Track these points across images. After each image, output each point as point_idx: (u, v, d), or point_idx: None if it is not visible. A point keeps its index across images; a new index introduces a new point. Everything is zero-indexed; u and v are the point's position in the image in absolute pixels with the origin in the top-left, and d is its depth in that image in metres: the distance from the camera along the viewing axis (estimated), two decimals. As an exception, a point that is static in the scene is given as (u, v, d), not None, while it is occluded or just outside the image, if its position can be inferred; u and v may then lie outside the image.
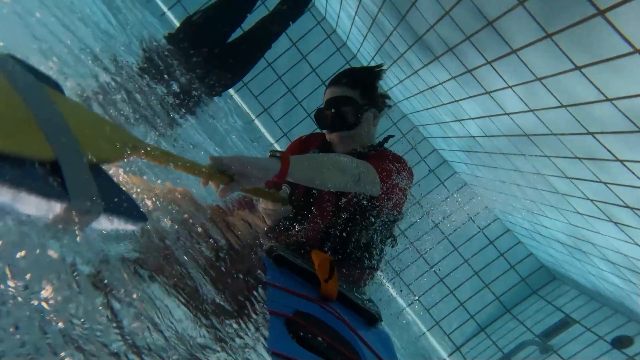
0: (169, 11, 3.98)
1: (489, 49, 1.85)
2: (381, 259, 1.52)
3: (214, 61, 3.02)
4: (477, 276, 4.08)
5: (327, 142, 1.60)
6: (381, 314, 1.27)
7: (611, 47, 1.24)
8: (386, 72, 3.49)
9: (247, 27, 3.34)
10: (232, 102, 4.05)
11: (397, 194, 1.41)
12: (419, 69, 2.82)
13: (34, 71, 0.68)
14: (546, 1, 1.35)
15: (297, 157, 1.13)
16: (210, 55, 2.99)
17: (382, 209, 1.40)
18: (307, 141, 1.67)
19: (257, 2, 3.37)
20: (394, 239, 1.55)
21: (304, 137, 1.70)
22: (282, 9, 3.29)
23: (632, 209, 1.90)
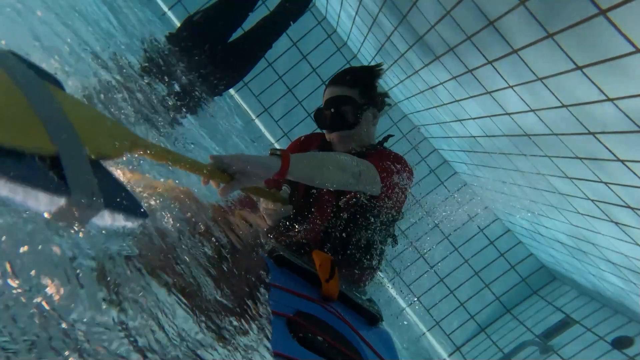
0: (169, 11, 3.98)
1: (490, 49, 1.85)
2: (381, 259, 1.52)
3: (215, 61, 3.02)
4: (478, 276, 4.08)
5: (327, 142, 1.60)
6: (382, 314, 1.27)
7: (613, 47, 1.24)
8: (387, 72, 3.50)
9: (247, 27, 3.33)
10: (232, 101, 4.05)
11: (397, 193, 1.41)
12: (419, 69, 2.81)
13: (35, 68, 0.68)
14: (547, 1, 1.35)
15: (297, 155, 1.13)
16: (211, 55, 2.99)
17: (382, 208, 1.40)
18: (306, 141, 1.67)
19: (257, 2, 3.37)
20: (394, 239, 1.55)
21: (304, 137, 1.70)
22: (282, 8, 3.29)
23: (632, 209, 1.90)
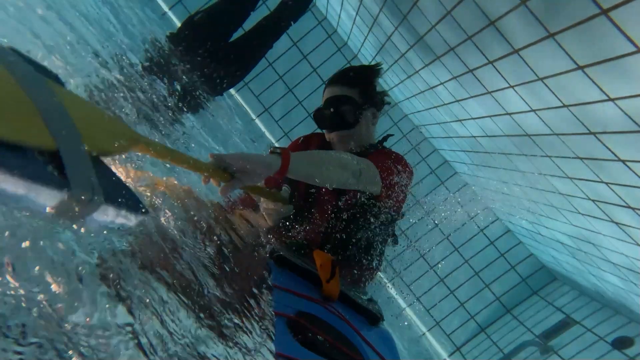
0: (170, 11, 3.98)
1: (491, 49, 1.85)
2: (382, 259, 1.51)
3: (216, 61, 3.02)
4: (478, 276, 4.08)
5: (326, 142, 1.60)
6: (383, 313, 1.27)
7: (614, 47, 1.24)
8: (387, 72, 3.50)
9: (248, 26, 3.33)
10: (232, 101, 4.04)
11: (398, 193, 1.41)
12: (420, 69, 2.81)
13: (35, 64, 0.67)
14: (549, 0, 1.35)
15: (297, 153, 1.13)
16: (212, 54, 2.99)
17: (382, 208, 1.40)
18: (306, 141, 1.67)
19: (258, 2, 3.37)
20: (394, 239, 1.54)
21: (303, 138, 1.70)
22: (283, 8, 3.29)
23: (633, 209, 1.90)
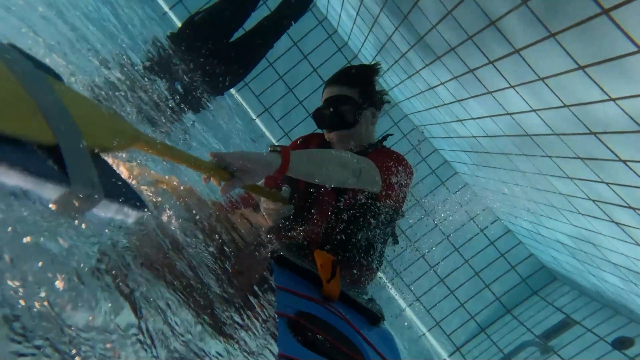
0: (170, 11, 3.98)
1: (492, 49, 1.84)
2: (382, 259, 1.51)
3: (216, 61, 3.02)
4: (478, 276, 4.08)
5: (326, 142, 1.59)
6: (383, 313, 1.27)
7: (615, 47, 1.24)
8: (387, 72, 3.50)
9: (249, 26, 3.33)
10: (233, 101, 4.04)
11: (398, 192, 1.40)
12: (420, 69, 2.81)
13: (34, 61, 0.67)
14: (550, 0, 1.35)
15: (297, 151, 1.13)
16: (212, 54, 2.99)
17: (382, 207, 1.40)
18: (305, 141, 1.66)
19: (259, 2, 3.37)
20: (394, 238, 1.54)
21: (302, 138, 1.69)
22: (284, 8, 3.29)
23: (634, 209, 1.90)
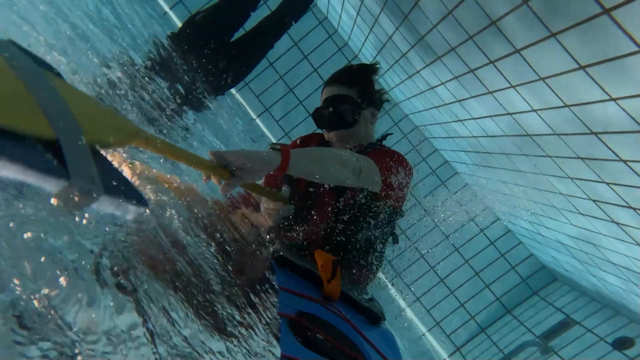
0: (170, 10, 3.98)
1: (492, 49, 1.84)
2: (382, 258, 1.51)
3: (217, 60, 3.02)
4: (478, 277, 4.08)
5: (325, 142, 1.59)
6: (384, 313, 1.27)
7: (616, 47, 1.24)
8: (388, 72, 3.50)
9: (249, 26, 3.33)
10: (233, 101, 4.04)
11: (398, 190, 1.40)
12: (421, 69, 2.81)
13: (33, 57, 0.67)
14: (550, 0, 1.35)
15: (297, 150, 1.13)
16: (213, 54, 2.99)
17: (382, 206, 1.39)
18: (305, 142, 1.66)
19: (259, 2, 3.37)
20: (394, 238, 1.54)
21: (302, 138, 1.69)
22: (284, 8, 3.29)
23: (634, 209, 1.90)
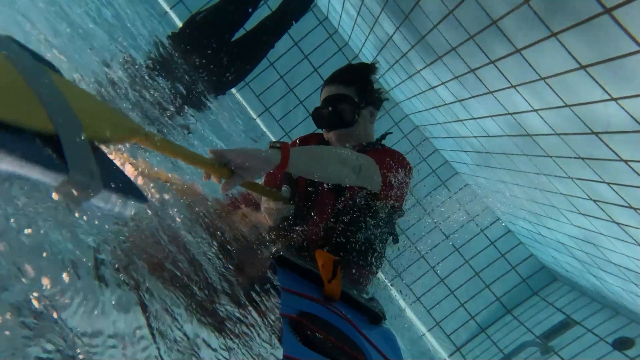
0: (171, 10, 3.98)
1: (493, 48, 1.84)
2: (382, 258, 1.51)
3: (217, 60, 3.02)
4: (478, 277, 4.08)
5: (325, 141, 1.59)
6: (385, 312, 1.27)
7: (617, 46, 1.24)
8: (388, 72, 3.50)
9: (250, 26, 3.33)
10: (233, 101, 4.04)
11: (397, 189, 1.40)
12: (421, 69, 2.81)
13: (33, 53, 0.67)
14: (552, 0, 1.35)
15: (297, 148, 1.13)
16: (213, 54, 2.99)
17: (382, 205, 1.39)
18: (304, 141, 1.66)
19: (260, 2, 3.37)
20: (394, 237, 1.54)
21: (301, 138, 1.69)
22: (284, 8, 3.29)
23: (635, 209, 1.90)
